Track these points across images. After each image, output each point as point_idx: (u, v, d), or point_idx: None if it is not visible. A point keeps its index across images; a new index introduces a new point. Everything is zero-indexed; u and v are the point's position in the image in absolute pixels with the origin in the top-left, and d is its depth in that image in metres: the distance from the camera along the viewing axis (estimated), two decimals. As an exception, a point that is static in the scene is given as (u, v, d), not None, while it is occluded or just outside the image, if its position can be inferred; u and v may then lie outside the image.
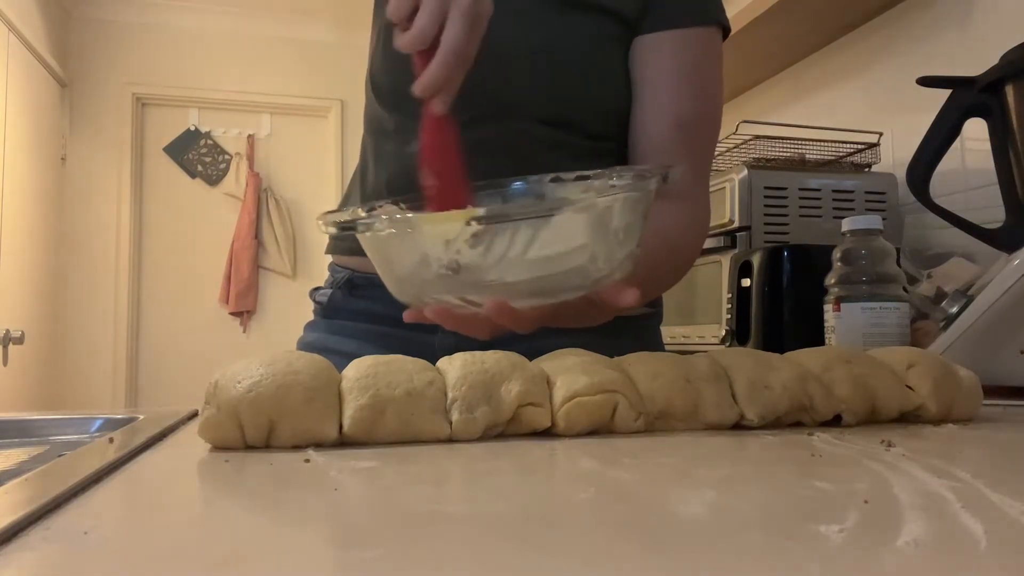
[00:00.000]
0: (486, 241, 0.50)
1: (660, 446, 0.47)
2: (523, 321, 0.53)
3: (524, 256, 0.50)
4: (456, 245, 0.50)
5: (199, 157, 3.67)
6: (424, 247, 0.51)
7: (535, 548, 0.25)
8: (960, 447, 0.46)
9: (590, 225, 0.51)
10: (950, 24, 1.47)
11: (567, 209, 0.51)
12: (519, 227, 0.50)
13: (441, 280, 0.52)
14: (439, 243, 0.50)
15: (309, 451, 0.45)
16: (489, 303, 0.52)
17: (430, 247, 0.51)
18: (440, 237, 0.50)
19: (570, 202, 0.51)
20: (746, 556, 0.25)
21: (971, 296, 0.87)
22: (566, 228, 0.51)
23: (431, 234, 0.50)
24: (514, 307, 0.52)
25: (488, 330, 0.56)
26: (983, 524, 0.27)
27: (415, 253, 0.52)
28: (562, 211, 0.50)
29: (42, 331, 3.16)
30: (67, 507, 0.31)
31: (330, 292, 0.89)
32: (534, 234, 0.50)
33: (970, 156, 1.37)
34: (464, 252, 0.50)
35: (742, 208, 1.47)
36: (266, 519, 0.30)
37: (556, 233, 0.50)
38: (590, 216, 0.51)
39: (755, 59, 1.92)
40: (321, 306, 0.90)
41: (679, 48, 0.80)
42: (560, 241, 0.51)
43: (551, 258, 0.51)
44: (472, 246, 0.50)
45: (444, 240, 0.50)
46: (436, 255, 0.51)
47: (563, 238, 0.51)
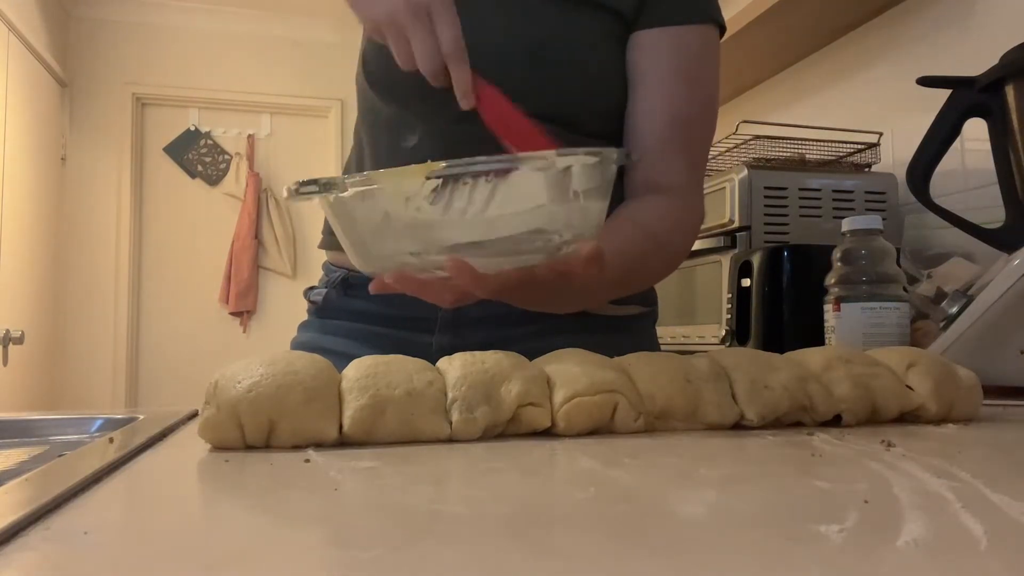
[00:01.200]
0: (445, 197, 0.50)
1: (660, 446, 0.47)
2: (485, 284, 0.53)
3: (483, 214, 0.51)
4: (416, 202, 0.50)
5: (199, 157, 3.67)
6: (385, 205, 0.51)
7: (535, 548, 0.25)
8: (960, 447, 0.46)
9: (548, 185, 0.52)
10: (950, 24, 1.47)
11: (524, 167, 0.51)
12: (478, 184, 0.50)
13: (402, 242, 0.52)
14: (400, 200, 0.51)
15: (309, 451, 0.45)
16: (449, 262, 0.52)
17: (391, 204, 0.51)
18: (400, 194, 0.51)
19: (527, 159, 0.51)
20: (746, 556, 0.25)
21: (971, 296, 0.87)
22: (524, 186, 0.51)
23: (391, 191, 0.51)
24: (474, 267, 0.52)
25: (451, 297, 0.56)
26: (983, 524, 0.27)
27: (377, 213, 0.52)
28: (519, 168, 0.51)
29: (42, 331, 3.16)
30: (67, 507, 0.31)
31: (325, 291, 0.89)
32: (492, 191, 0.50)
33: (970, 156, 1.37)
34: (423, 209, 0.51)
35: (742, 208, 1.47)
36: (266, 519, 0.30)
37: (514, 191, 0.51)
38: (548, 176, 0.51)
39: (755, 59, 1.92)
40: (316, 306, 0.90)
41: (675, 46, 0.80)
42: (518, 199, 0.51)
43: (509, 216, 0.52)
44: (432, 202, 0.50)
45: (404, 197, 0.50)
46: (397, 213, 0.51)
47: (521, 196, 0.51)
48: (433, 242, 0.52)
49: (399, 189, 0.51)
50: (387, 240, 0.53)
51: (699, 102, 0.81)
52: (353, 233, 0.55)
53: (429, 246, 0.52)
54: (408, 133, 0.81)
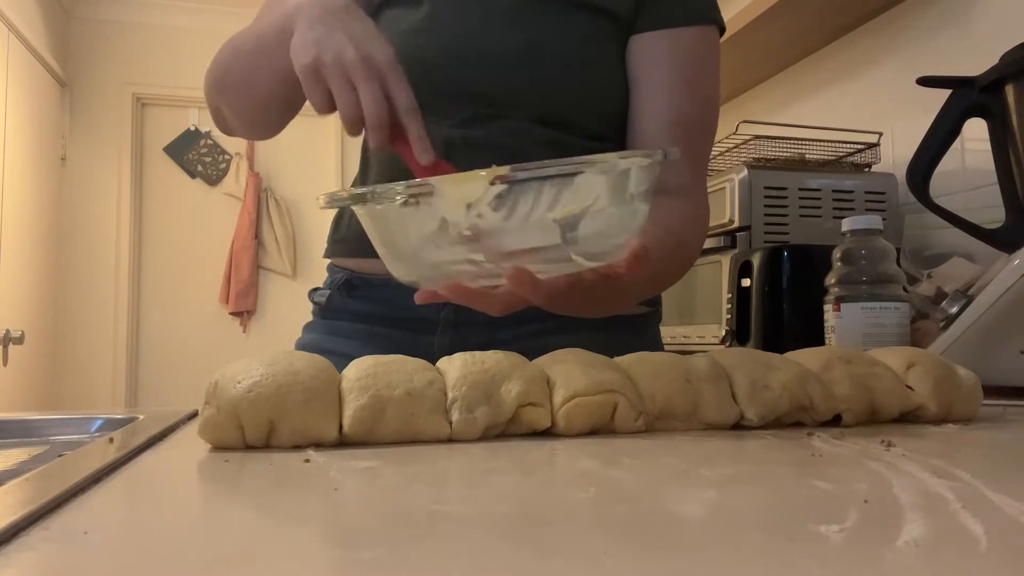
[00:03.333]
0: (509, 203, 0.48)
1: (660, 446, 0.47)
2: (541, 291, 0.52)
3: (545, 219, 0.49)
4: (478, 208, 0.48)
5: (199, 157, 3.67)
6: (444, 212, 0.49)
7: (535, 548, 0.25)
8: (960, 447, 0.46)
9: (610, 187, 0.50)
10: (950, 24, 1.47)
11: (589, 170, 0.49)
12: (543, 188, 0.48)
13: (458, 249, 0.50)
14: (460, 207, 0.48)
15: (309, 451, 0.45)
16: (509, 271, 0.51)
17: (450, 211, 0.49)
18: (462, 200, 0.48)
19: (593, 162, 0.50)
20: (746, 556, 0.25)
21: (971, 296, 0.87)
22: (588, 190, 0.50)
23: (452, 197, 0.49)
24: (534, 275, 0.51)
25: (502, 305, 0.55)
26: (983, 524, 0.27)
27: (432, 221, 0.50)
28: (584, 172, 0.49)
29: (42, 331, 3.16)
30: (67, 507, 0.31)
31: (328, 293, 0.89)
32: (557, 195, 0.48)
33: (970, 156, 1.37)
34: (486, 215, 0.48)
35: (742, 208, 1.47)
36: (266, 519, 0.30)
37: (578, 195, 0.49)
38: (610, 178, 0.50)
39: (755, 59, 1.92)
40: (319, 307, 0.90)
41: (674, 47, 0.80)
42: (581, 203, 0.50)
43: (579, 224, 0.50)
44: (495, 208, 0.48)
45: (465, 203, 0.48)
46: (456, 220, 0.49)
47: (584, 200, 0.50)
48: (493, 249, 0.50)
49: (460, 195, 0.49)
50: (441, 248, 0.51)
51: (700, 102, 0.81)
52: (399, 242, 0.54)
53: (488, 253, 0.51)
54: None
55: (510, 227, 0.49)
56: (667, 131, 0.79)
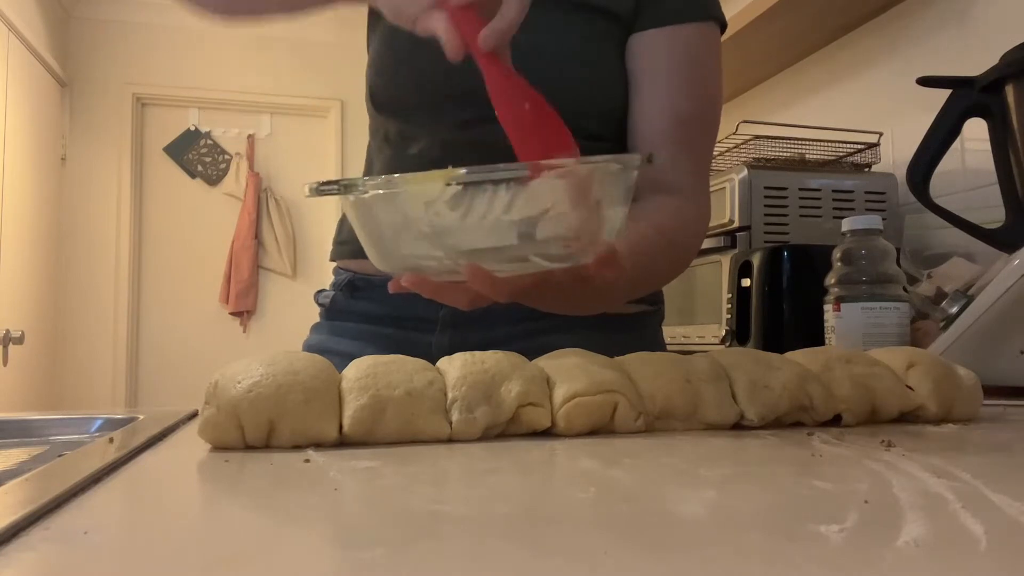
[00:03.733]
0: (465, 204, 0.50)
1: (660, 446, 0.47)
2: (501, 288, 0.53)
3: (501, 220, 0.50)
4: (436, 207, 0.50)
5: (199, 157, 3.67)
6: (405, 209, 0.51)
7: (535, 548, 0.25)
8: (960, 447, 0.46)
9: (570, 192, 0.51)
10: (950, 24, 1.47)
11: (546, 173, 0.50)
12: (498, 190, 0.49)
13: (421, 245, 0.52)
14: (419, 204, 0.50)
15: (309, 451, 0.45)
16: (466, 268, 0.52)
17: (411, 209, 0.51)
18: (420, 198, 0.50)
19: (548, 166, 0.51)
20: (746, 556, 0.25)
21: (971, 296, 0.87)
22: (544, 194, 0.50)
23: (411, 195, 0.51)
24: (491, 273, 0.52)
25: (466, 299, 0.56)
26: (983, 524, 0.27)
27: (397, 215, 0.52)
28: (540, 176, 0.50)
29: (42, 331, 3.16)
30: (67, 507, 0.31)
31: (332, 294, 0.90)
32: (512, 198, 0.50)
33: (970, 156, 1.37)
34: (443, 214, 0.50)
35: (742, 208, 1.47)
36: (266, 519, 0.30)
37: (534, 198, 0.50)
38: (568, 183, 0.51)
39: (755, 59, 1.92)
40: (324, 308, 0.92)
41: (675, 45, 0.80)
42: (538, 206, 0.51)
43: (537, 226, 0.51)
44: (452, 208, 0.50)
45: (424, 201, 0.50)
46: (416, 216, 0.51)
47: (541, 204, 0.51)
48: (451, 247, 0.52)
49: (419, 193, 0.50)
50: (406, 242, 0.53)
51: (701, 101, 0.81)
52: (373, 233, 0.55)
53: (447, 250, 0.52)
54: (411, 143, 0.83)
55: (466, 227, 0.51)
56: (667, 130, 0.79)
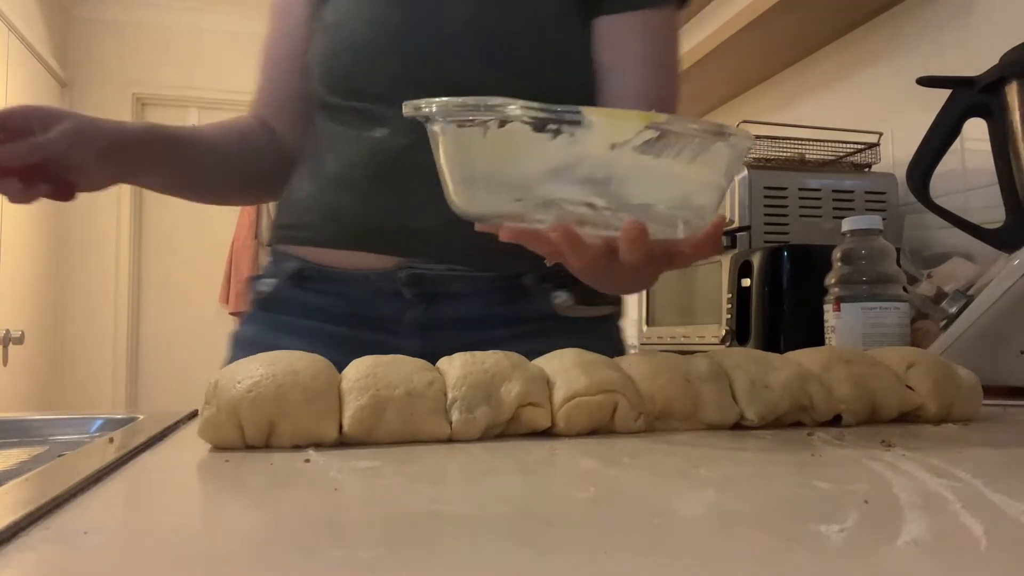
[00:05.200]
0: (653, 152, 0.47)
1: (660, 446, 0.47)
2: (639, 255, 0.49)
3: (675, 177, 0.48)
4: (622, 150, 0.47)
5: (199, 157, 3.67)
6: (587, 146, 0.47)
7: (535, 548, 0.25)
8: (960, 447, 0.46)
9: (730, 164, 0.49)
10: (950, 24, 1.47)
11: (726, 141, 0.48)
12: (685, 147, 0.47)
13: (579, 190, 0.48)
14: (604, 146, 0.47)
15: (309, 451, 0.45)
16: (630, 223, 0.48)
17: (594, 147, 0.47)
18: (609, 138, 0.46)
19: (735, 134, 0.48)
20: (746, 556, 0.25)
21: (971, 296, 0.87)
22: (718, 160, 0.49)
23: (602, 132, 0.46)
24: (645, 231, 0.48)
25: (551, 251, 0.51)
26: (983, 524, 0.27)
27: (566, 153, 0.47)
28: (723, 140, 0.48)
29: (42, 331, 3.16)
30: (67, 507, 0.31)
31: (275, 282, 0.80)
32: (694, 158, 0.47)
33: (970, 156, 1.37)
34: (624, 158, 0.46)
35: (742, 208, 1.47)
36: (266, 519, 0.30)
37: (710, 163, 0.48)
38: (734, 154, 0.49)
39: (755, 59, 1.92)
40: (261, 297, 0.81)
41: (644, 29, 0.80)
42: (708, 171, 0.49)
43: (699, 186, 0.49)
44: (641, 152, 0.46)
45: (611, 143, 0.46)
46: (596, 156, 0.47)
47: (714, 170, 0.49)
48: (617, 196, 0.48)
49: (611, 133, 0.47)
50: (562, 185, 0.48)
51: (669, 85, 0.83)
52: (502, 169, 0.49)
53: (612, 200, 0.48)
54: (375, 125, 0.76)
55: (644, 177, 0.48)
56: None
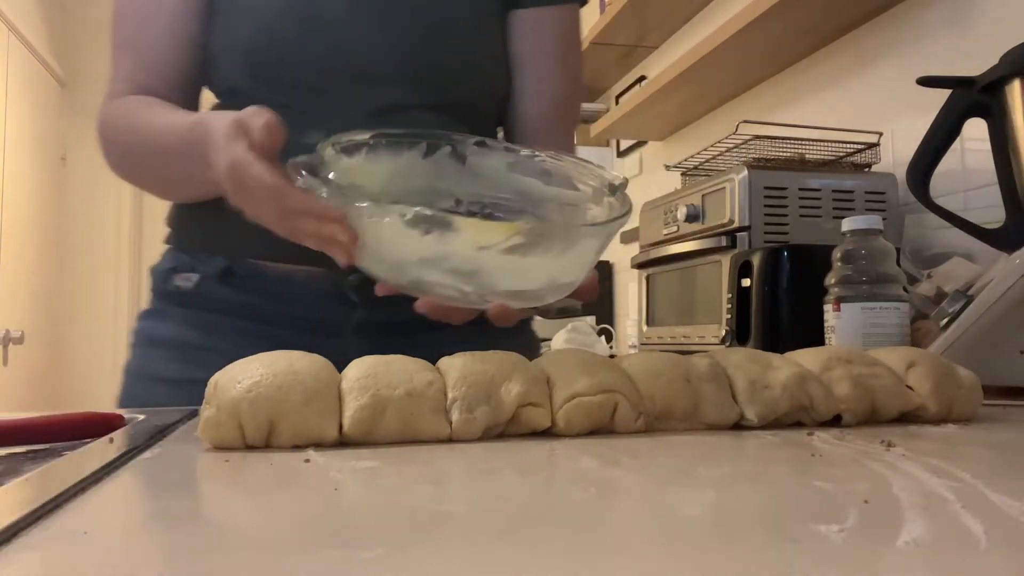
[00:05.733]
0: (521, 251, 0.51)
1: (660, 446, 0.47)
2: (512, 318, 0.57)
3: (543, 268, 0.53)
4: (490, 250, 0.51)
5: (199, 157, 3.67)
6: (454, 247, 0.51)
7: (535, 548, 0.25)
8: (960, 447, 0.46)
9: (600, 247, 0.55)
10: (950, 24, 1.47)
11: (595, 233, 0.54)
12: (552, 245, 0.52)
13: (449, 277, 0.53)
14: (472, 248, 0.51)
15: (309, 451, 0.45)
16: (495, 307, 0.55)
17: (460, 246, 0.51)
18: (477, 242, 0.51)
19: (611, 228, 0.53)
20: (746, 556, 0.25)
21: (971, 296, 0.87)
22: (587, 249, 0.54)
23: (468, 236, 0.51)
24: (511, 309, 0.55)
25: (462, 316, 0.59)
26: (983, 524, 0.27)
27: (436, 248, 0.51)
28: (589, 237, 0.54)
29: (42, 331, 3.16)
30: (67, 507, 0.31)
31: (197, 278, 0.76)
32: (562, 252, 0.52)
33: (970, 156, 1.37)
34: (491, 258, 0.51)
35: (742, 208, 1.47)
36: (266, 519, 0.30)
37: (577, 255, 0.53)
38: (603, 241, 0.54)
39: (755, 59, 1.92)
40: (180, 292, 0.76)
41: (554, 26, 0.83)
42: (577, 261, 0.54)
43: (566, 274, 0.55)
44: (508, 253, 0.51)
45: (478, 247, 0.51)
46: (464, 253, 0.51)
47: (580, 257, 0.54)
48: (486, 286, 0.53)
49: (478, 239, 0.51)
50: (432, 271, 0.53)
51: (575, 81, 0.86)
52: (388, 249, 0.54)
53: (480, 288, 0.54)
54: (310, 128, 0.65)
55: (510, 271, 0.52)
56: (550, 110, 0.82)
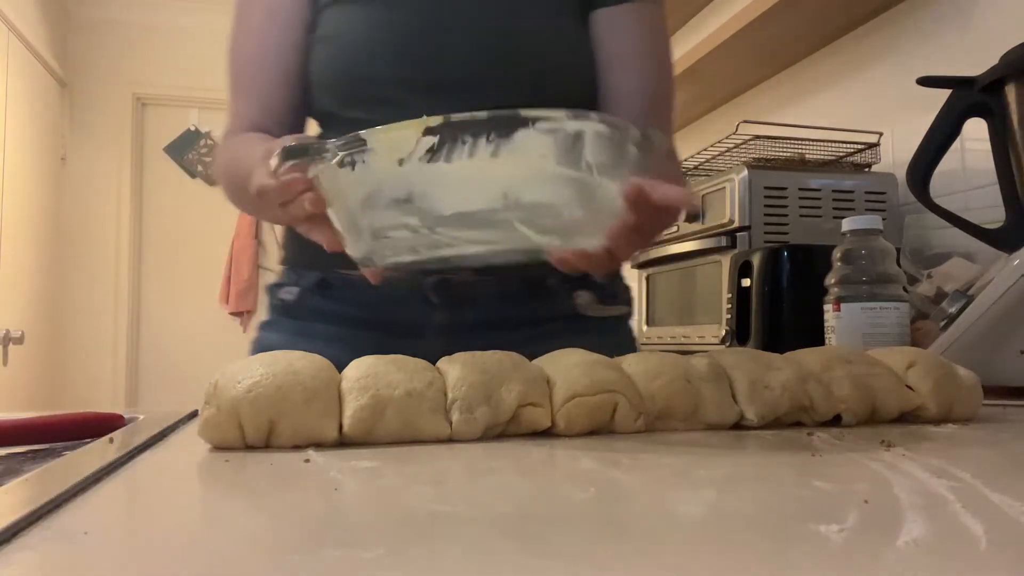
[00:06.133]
0: (442, 158, 0.44)
1: (660, 446, 0.47)
2: None
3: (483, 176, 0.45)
4: (410, 164, 0.45)
5: (199, 157, 3.67)
6: (375, 170, 0.46)
7: (535, 548, 0.25)
8: (960, 447, 0.46)
9: (558, 150, 0.44)
10: (950, 24, 1.47)
11: (532, 125, 0.44)
12: (478, 144, 0.44)
13: (391, 213, 0.47)
14: (392, 163, 0.45)
15: (309, 451, 0.45)
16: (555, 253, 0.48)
17: (381, 168, 0.46)
18: (392, 154, 0.45)
19: (536, 118, 0.44)
20: (746, 556, 0.24)
21: (971, 296, 0.87)
22: (530, 149, 0.44)
23: (381, 150, 0.45)
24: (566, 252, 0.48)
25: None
26: (983, 524, 0.27)
27: (366, 180, 0.46)
28: (527, 127, 0.44)
29: (42, 331, 3.16)
30: (67, 507, 0.31)
31: (298, 291, 0.83)
32: (495, 151, 0.44)
33: (970, 156, 1.37)
34: (417, 173, 0.45)
35: (742, 208, 1.47)
36: (266, 519, 0.30)
37: (519, 153, 0.44)
38: (557, 139, 0.44)
39: (755, 59, 1.92)
40: (285, 304, 0.83)
41: (641, 23, 0.81)
42: (524, 163, 0.44)
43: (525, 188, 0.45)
44: (429, 161, 0.44)
45: (397, 159, 0.45)
46: (387, 177, 0.46)
47: (527, 161, 0.44)
48: (427, 212, 0.46)
49: (390, 147, 0.45)
50: (377, 211, 0.47)
51: (668, 76, 0.84)
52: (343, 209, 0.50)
53: (424, 216, 0.46)
54: None
55: (444, 185, 0.45)
56: (647, 108, 0.80)
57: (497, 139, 0.44)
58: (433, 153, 0.45)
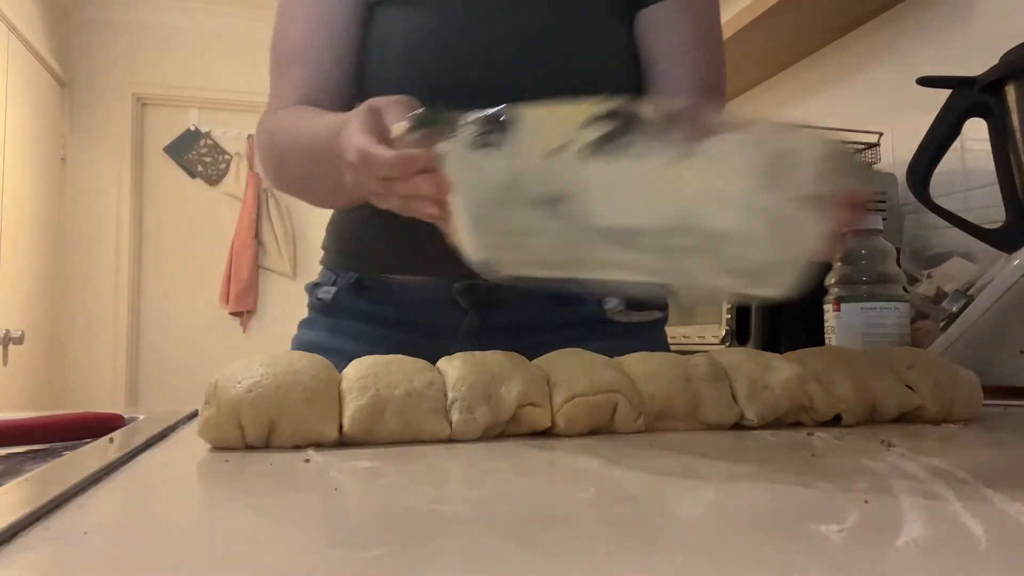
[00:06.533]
0: (610, 152, 0.34)
1: (660, 446, 0.47)
2: None
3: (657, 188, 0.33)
4: (563, 157, 0.35)
5: (199, 157, 3.67)
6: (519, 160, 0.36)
7: (535, 548, 0.25)
8: (960, 447, 0.46)
9: (762, 169, 0.33)
10: (950, 24, 1.47)
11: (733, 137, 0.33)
12: (653, 144, 0.33)
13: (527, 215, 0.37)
14: (540, 153, 0.35)
15: (309, 451, 0.45)
16: None
17: (527, 158, 0.35)
18: (544, 142, 0.35)
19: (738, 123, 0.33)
20: (746, 556, 0.24)
21: (971, 296, 0.87)
22: (728, 163, 0.33)
23: (531, 136, 0.35)
24: None
25: None
26: (983, 524, 0.27)
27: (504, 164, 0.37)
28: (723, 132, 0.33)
29: (42, 331, 3.16)
30: (67, 507, 0.31)
31: (335, 291, 0.84)
32: (676, 158, 0.33)
33: (970, 156, 1.37)
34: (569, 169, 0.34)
35: (742, 208, 1.47)
36: (266, 519, 0.30)
37: (711, 166, 0.33)
38: (763, 154, 0.33)
39: (755, 59, 1.92)
40: (323, 303, 0.85)
41: (685, 13, 0.80)
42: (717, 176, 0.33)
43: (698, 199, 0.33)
44: (590, 155, 0.34)
45: (548, 149, 0.35)
46: (534, 170, 0.36)
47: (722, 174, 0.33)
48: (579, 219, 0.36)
49: (543, 135, 0.35)
50: (514, 209, 0.38)
51: (718, 61, 0.82)
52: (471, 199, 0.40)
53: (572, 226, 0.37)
54: None
55: (603, 189, 0.34)
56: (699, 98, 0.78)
57: (681, 142, 0.34)
58: (595, 148, 0.35)
